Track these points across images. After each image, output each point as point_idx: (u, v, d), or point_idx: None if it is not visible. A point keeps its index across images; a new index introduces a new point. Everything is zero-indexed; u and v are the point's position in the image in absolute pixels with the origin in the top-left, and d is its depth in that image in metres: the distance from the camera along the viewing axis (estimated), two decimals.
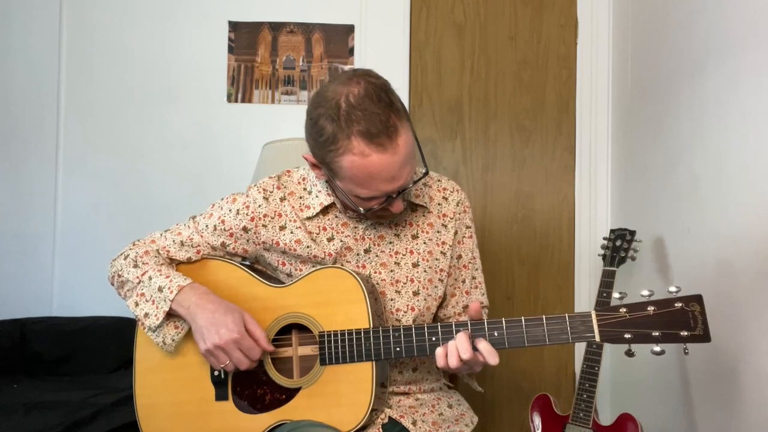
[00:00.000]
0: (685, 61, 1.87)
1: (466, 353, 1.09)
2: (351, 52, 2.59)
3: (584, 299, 2.55)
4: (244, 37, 2.59)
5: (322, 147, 1.14)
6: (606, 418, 1.90)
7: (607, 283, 1.89)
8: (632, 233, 1.94)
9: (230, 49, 2.59)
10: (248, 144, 2.43)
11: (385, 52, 2.57)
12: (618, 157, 2.48)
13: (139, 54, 2.57)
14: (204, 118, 2.57)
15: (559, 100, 2.63)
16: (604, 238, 1.98)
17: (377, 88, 1.12)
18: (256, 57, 2.60)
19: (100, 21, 2.56)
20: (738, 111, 1.57)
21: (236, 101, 2.59)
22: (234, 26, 2.59)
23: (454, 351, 1.10)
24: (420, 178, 1.22)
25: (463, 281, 1.39)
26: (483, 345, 1.10)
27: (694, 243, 1.78)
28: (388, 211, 1.21)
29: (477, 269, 1.42)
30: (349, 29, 2.59)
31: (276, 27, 2.60)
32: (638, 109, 2.28)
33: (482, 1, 2.65)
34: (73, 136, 2.55)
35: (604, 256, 1.94)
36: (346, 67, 2.58)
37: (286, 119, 2.56)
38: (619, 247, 1.93)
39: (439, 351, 1.13)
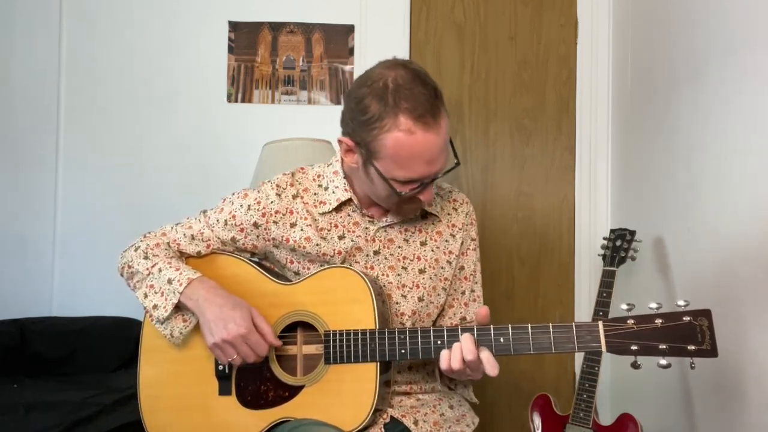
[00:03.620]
0: (685, 61, 1.87)
1: (471, 354, 1.09)
2: (351, 52, 2.59)
3: (584, 299, 2.55)
4: (244, 37, 2.59)
5: (365, 125, 1.16)
6: (606, 418, 1.90)
7: (607, 283, 1.89)
8: (632, 233, 1.94)
9: (230, 49, 2.59)
10: (248, 144, 2.42)
11: (385, 52, 2.51)
12: (618, 157, 2.49)
13: (139, 54, 2.57)
14: (204, 118, 2.57)
15: (559, 100, 2.63)
16: (604, 238, 1.98)
17: (422, 72, 1.18)
18: (256, 57, 2.60)
19: (100, 21, 2.56)
20: (738, 111, 1.58)
21: (236, 101, 2.59)
22: (234, 26, 2.59)
23: (458, 352, 1.11)
24: (452, 168, 1.24)
25: (463, 293, 1.39)
26: (485, 354, 1.10)
27: (694, 243, 1.78)
28: (418, 200, 1.23)
29: (477, 283, 1.41)
30: (349, 29, 2.59)
31: (276, 27, 2.60)
32: (638, 109, 2.28)
33: (482, 1, 2.65)
34: (73, 136, 2.55)
35: (604, 256, 1.95)
36: (346, 67, 2.59)
37: (286, 119, 2.56)
38: (619, 247, 1.93)
39: (444, 353, 1.13)
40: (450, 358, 1.11)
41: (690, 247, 1.81)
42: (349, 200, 1.31)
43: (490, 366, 1.10)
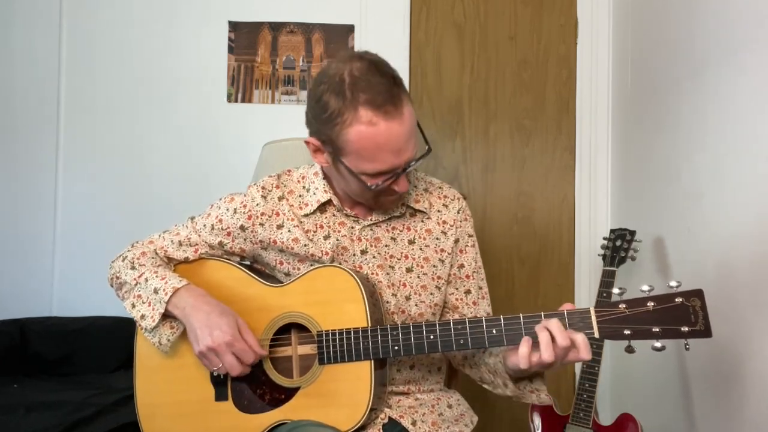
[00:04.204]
0: (685, 61, 1.87)
1: (566, 340, 1.03)
2: None
3: (584, 299, 2.55)
4: (244, 37, 2.59)
5: (327, 122, 1.14)
6: (606, 418, 1.90)
7: (607, 283, 1.89)
8: (632, 233, 1.94)
9: (230, 49, 2.59)
10: (248, 144, 2.42)
11: (385, 52, 2.50)
12: (618, 157, 2.48)
13: (139, 54, 2.57)
14: (204, 118, 2.57)
15: (559, 100, 2.63)
16: (604, 238, 1.98)
17: (378, 62, 1.15)
18: (256, 57, 2.60)
19: (100, 21, 2.57)
20: (738, 111, 1.57)
21: (236, 101, 2.59)
22: (234, 26, 2.59)
23: (548, 341, 1.04)
24: (423, 155, 1.20)
25: (468, 292, 1.36)
26: (580, 337, 1.04)
27: (694, 243, 1.78)
28: (393, 191, 1.20)
29: (482, 279, 1.39)
30: (349, 29, 2.59)
31: (276, 27, 2.60)
32: (638, 109, 2.28)
33: (482, 1, 2.65)
34: (73, 136, 2.56)
35: (604, 256, 1.95)
36: None
37: (286, 119, 2.56)
38: (619, 247, 1.93)
39: (524, 350, 1.06)
40: (540, 351, 1.04)
41: (690, 247, 1.80)
42: (330, 201, 1.30)
43: (585, 350, 1.04)
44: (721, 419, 1.62)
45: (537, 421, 1.97)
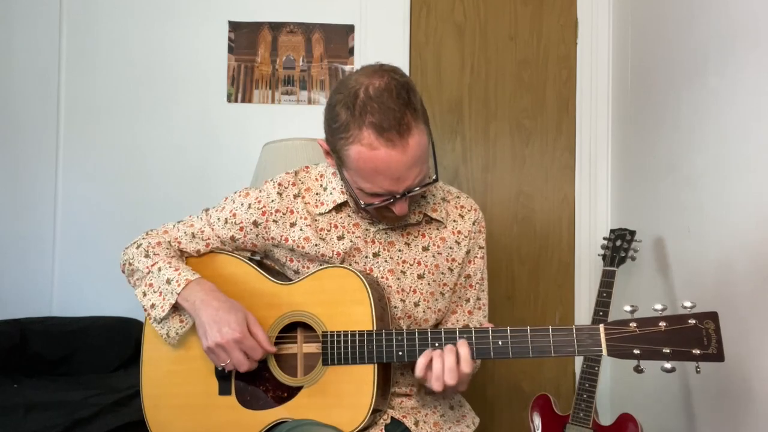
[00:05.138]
0: (685, 61, 1.87)
1: (453, 379, 1.09)
2: (351, 52, 2.59)
3: (584, 299, 2.55)
4: (244, 37, 2.59)
5: (335, 133, 1.14)
6: (606, 418, 1.90)
7: (607, 283, 1.89)
8: (632, 233, 1.94)
9: (230, 49, 2.59)
10: (248, 144, 2.43)
11: (385, 52, 2.56)
12: (618, 157, 2.48)
13: (139, 54, 2.57)
14: (204, 118, 2.57)
15: (559, 100, 2.63)
16: (604, 238, 1.98)
17: (399, 84, 1.11)
18: (256, 57, 2.60)
19: (100, 21, 2.56)
20: (738, 111, 1.58)
21: (236, 101, 2.59)
22: (234, 26, 2.59)
23: (440, 373, 1.10)
24: (428, 184, 1.19)
25: (467, 300, 1.37)
26: (464, 351, 1.10)
27: (694, 243, 1.78)
28: (391, 212, 1.20)
29: (483, 291, 1.39)
30: (349, 29, 2.59)
31: (276, 27, 2.60)
32: (638, 109, 2.28)
33: (482, 1, 2.65)
34: (73, 136, 2.55)
35: (604, 256, 1.95)
36: (346, 67, 2.59)
37: (286, 119, 2.56)
38: (619, 247, 1.93)
39: (422, 362, 1.12)
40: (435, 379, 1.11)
41: (690, 247, 1.81)
42: (346, 202, 1.30)
43: (466, 364, 1.10)
44: (722, 418, 1.63)
45: (537, 421, 1.97)
